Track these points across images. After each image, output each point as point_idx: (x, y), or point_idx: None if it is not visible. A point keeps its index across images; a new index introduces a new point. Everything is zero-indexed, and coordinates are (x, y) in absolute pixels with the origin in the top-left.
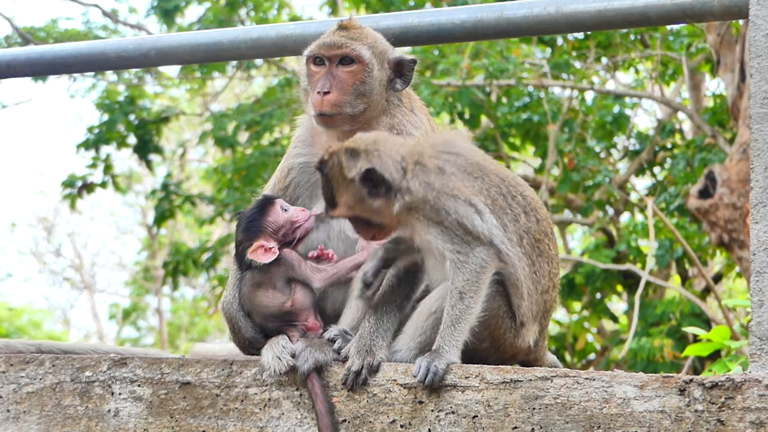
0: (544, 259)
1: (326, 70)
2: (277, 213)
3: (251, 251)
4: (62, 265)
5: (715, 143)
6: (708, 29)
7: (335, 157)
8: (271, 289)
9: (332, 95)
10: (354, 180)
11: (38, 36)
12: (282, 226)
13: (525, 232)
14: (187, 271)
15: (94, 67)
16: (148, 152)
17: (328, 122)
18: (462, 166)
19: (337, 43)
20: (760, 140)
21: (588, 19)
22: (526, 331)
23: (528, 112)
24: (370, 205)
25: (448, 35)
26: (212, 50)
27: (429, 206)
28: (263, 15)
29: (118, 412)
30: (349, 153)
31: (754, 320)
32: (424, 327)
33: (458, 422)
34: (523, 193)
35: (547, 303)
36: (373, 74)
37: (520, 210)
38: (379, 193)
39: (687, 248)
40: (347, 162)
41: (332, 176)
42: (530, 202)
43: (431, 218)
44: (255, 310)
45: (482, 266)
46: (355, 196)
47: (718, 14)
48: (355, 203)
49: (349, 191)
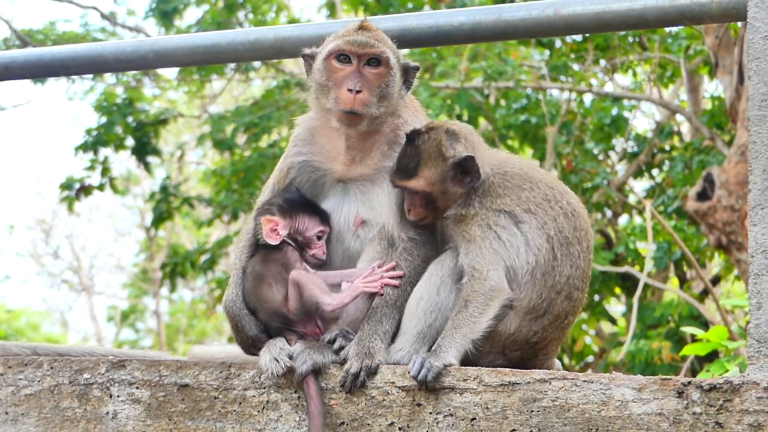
0: (569, 261)
1: (354, 69)
2: (315, 226)
3: (266, 220)
4: (60, 267)
5: (714, 145)
6: (706, 32)
7: (434, 133)
8: (273, 282)
9: (363, 94)
10: (447, 160)
11: (36, 38)
12: (301, 235)
13: (558, 231)
14: (185, 273)
15: (92, 70)
16: (147, 154)
17: (353, 120)
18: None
19: (368, 42)
20: (759, 142)
21: (586, 21)
22: (510, 317)
23: (526, 114)
24: (448, 188)
25: (447, 37)
26: (210, 52)
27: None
28: (261, 17)
29: (116, 415)
30: (450, 134)
31: (752, 323)
32: (417, 316)
33: (456, 425)
34: (569, 201)
35: (552, 304)
36: (396, 78)
37: (560, 212)
38: (463, 182)
39: (685, 250)
40: (448, 142)
41: (425, 149)
42: (575, 209)
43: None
44: (260, 306)
45: (496, 290)
46: (442, 175)
47: (716, 17)
48: (437, 182)
49: (438, 169)
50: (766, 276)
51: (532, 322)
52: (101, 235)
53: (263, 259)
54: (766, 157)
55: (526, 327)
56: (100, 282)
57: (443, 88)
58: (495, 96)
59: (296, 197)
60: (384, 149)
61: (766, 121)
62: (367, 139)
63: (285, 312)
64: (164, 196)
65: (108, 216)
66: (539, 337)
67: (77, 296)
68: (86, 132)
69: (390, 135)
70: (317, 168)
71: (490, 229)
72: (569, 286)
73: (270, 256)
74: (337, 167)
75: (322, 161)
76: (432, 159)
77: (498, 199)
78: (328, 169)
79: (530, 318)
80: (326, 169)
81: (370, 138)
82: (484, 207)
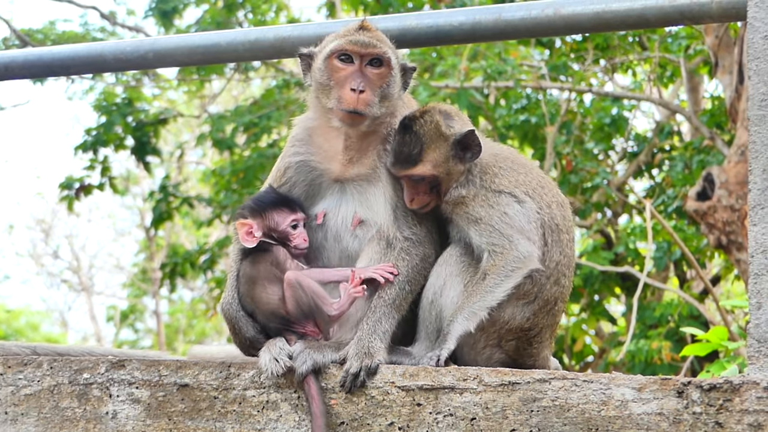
0: (558, 248)
1: (356, 69)
2: (285, 218)
3: (239, 225)
4: (60, 267)
5: (714, 145)
6: (706, 31)
7: (428, 115)
8: (267, 283)
9: (366, 94)
10: (449, 138)
11: (36, 38)
12: (275, 231)
13: (551, 218)
14: (185, 273)
15: (91, 69)
16: (146, 154)
17: (356, 120)
18: (510, 167)
19: (370, 42)
20: (758, 142)
21: (586, 21)
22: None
23: (526, 114)
24: (451, 167)
25: (447, 37)
26: (210, 52)
27: (483, 194)
28: (261, 17)
29: (116, 414)
30: (444, 114)
31: (752, 323)
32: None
33: (456, 424)
34: (557, 191)
35: (542, 289)
36: (397, 79)
37: (554, 200)
38: (464, 158)
39: (685, 250)
40: (444, 121)
41: (424, 133)
42: (563, 200)
43: (482, 205)
44: (257, 308)
45: (521, 259)
46: (445, 155)
47: (716, 16)
48: (441, 162)
49: (441, 149)
50: (766, 276)
51: (524, 307)
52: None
53: (253, 261)
54: (766, 157)
55: (519, 313)
56: (99, 282)
57: (443, 88)
58: (495, 96)
59: (264, 195)
60: (380, 149)
61: (766, 121)
62: (364, 139)
63: (283, 313)
64: (164, 195)
65: (107, 216)
66: (531, 323)
67: (77, 296)
68: (86, 132)
69: (386, 135)
70: (314, 168)
71: (493, 208)
72: (557, 272)
73: (259, 258)
74: (335, 167)
75: (319, 161)
76: (434, 141)
77: (496, 179)
78: (326, 169)
79: (522, 303)
80: (323, 169)
81: (368, 138)
82: (484, 187)
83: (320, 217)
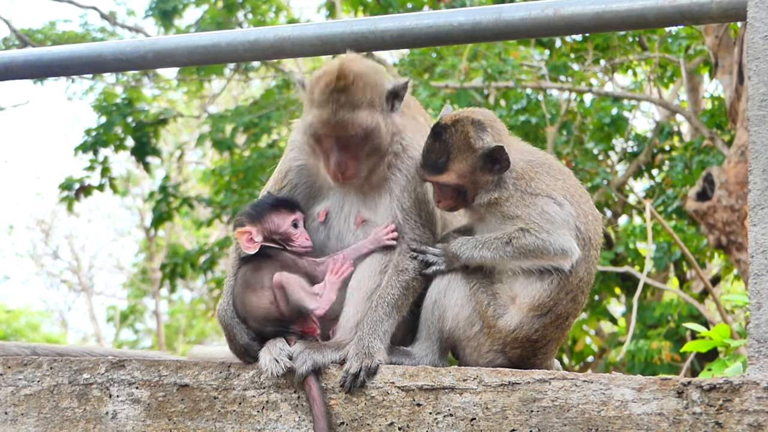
0: (585, 264)
1: (334, 143)
2: (285, 219)
3: (239, 233)
4: (60, 268)
5: (714, 145)
6: (706, 31)
7: (460, 125)
8: (259, 288)
9: (349, 168)
10: (477, 151)
11: (36, 38)
12: (276, 233)
13: (586, 229)
14: (185, 273)
15: (91, 70)
16: (146, 154)
17: (346, 184)
18: (546, 171)
19: (340, 122)
20: (758, 142)
21: (586, 21)
22: (512, 313)
23: (526, 114)
24: (478, 178)
25: (447, 37)
26: (210, 52)
27: (518, 196)
28: (261, 17)
29: (116, 415)
30: (477, 125)
31: (752, 323)
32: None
33: (456, 425)
34: (593, 206)
35: (558, 305)
36: (381, 130)
37: (590, 212)
38: (492, 170)
39: (685, 251)
40: (475, 133)
41: (453, 143)
42: (598, 216)
43: (517, 205)
44: (248, 314)
45: (562, 250)
46: (472, 166)
47: (716, 17)
48: (467, 173)
49: (468, 161)
50: (766, 276)
51: (535, 320)
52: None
53: (255, 268)
54: (766, 157)
55: (528, 324)
56: (99, 282)
57: (443, 88)
58: (495, 96)
59: (260, 201)
60: (390, 159)
61: (766, 121)
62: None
63: (278, 315)
64: (164, 196)
65: (107, 216)
66: (539, 335)
67: (77, 296)
68: (86, 132)
69: (394, 152)
70: (316, 172)
71: (529, 207)
72: (577, 289)
73: (261, 264)
74: None
75: (320, 165)
76: (461, 152)
77: (532, 183)
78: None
79: (533, 315)
80: (325, 174)
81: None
82: (519, 190)
83: (322, 215)
